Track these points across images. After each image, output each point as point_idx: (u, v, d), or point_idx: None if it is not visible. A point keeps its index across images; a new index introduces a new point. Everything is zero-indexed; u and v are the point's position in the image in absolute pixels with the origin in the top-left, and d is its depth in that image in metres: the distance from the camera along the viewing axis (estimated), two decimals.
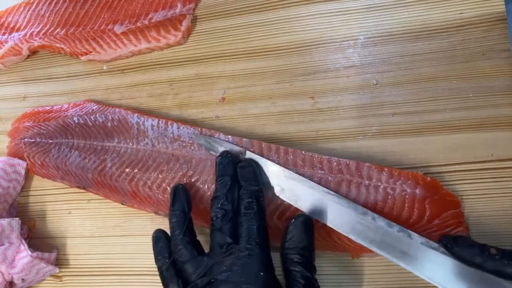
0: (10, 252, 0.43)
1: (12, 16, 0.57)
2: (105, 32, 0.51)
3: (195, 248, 0.36)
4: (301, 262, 0.33)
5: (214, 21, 0.50)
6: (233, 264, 0.33)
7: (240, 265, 0.33)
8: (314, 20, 0.47)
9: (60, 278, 0.47)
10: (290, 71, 0.46)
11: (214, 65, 0.49)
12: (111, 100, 0.51)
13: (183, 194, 0.39)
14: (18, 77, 0.56)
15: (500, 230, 0.37)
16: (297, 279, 0.32)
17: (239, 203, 0.36)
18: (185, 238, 0.36)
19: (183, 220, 0.37)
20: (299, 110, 0.44)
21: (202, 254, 0.35)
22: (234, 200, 0.36)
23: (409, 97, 0.42)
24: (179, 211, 0.37)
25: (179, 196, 0.38)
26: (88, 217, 0.48)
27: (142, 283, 0.44)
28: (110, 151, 0.46)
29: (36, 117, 0.51)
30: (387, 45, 0.44)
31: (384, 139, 0.41)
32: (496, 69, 0.41)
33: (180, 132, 0.44)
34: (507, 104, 0.40)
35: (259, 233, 0.34)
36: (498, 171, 0.38)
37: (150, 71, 0.51)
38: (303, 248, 0.33)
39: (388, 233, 0.34)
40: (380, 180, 0.38)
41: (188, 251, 0.35)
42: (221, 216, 0.35)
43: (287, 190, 0.38)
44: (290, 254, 0.33)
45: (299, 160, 0.40)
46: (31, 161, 0.49)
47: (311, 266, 0.33)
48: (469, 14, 0.43)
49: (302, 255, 0.33)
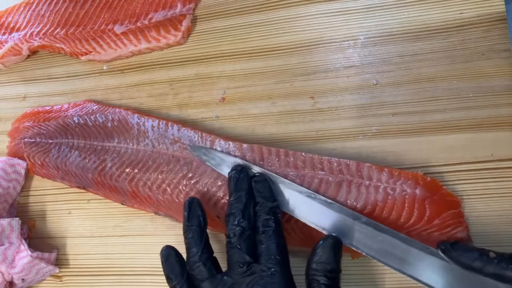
0: (10, 252, 0.43)
1: (12, 16, 0.57)
2: (105, 32, 0.51)
3: (213, 266, 0.35)
4: (328, 285, 0.32)
5: (214, 21, 0.50)
6: (255, 284, 0.33)
7: (263, 285, 0.32)
8: (314, 20, 0.47)
9: (60, 278, 0.47)
10: (290, 71, 0.46)
11: (214, 65, 0.49)
12: (111, 100, 0.51)
13: (198, 208, 0.37)
14: (18, 77, 0.56)
15: (500, 230, 0.37)
16: None
17: (255, 219, 0.36)
18: (204, 255, 0.35)
19: (200, 236, 0.36)
20: (299, 110, 0.44)
21: (220, 273, 0.35)
22: (251, 217, 0.36)
23: (409, 97, 0.42)
24: (196, 226, 0.36)
25: (195, 210, 0.37)
26: (88, 217, 0.48)
27: (142, 283, 0.44)
28: (110, 151, 0.46)
29: (36, 117, 0.51)
30: (387, 45, 0.44)
31: (384, 139, 0.41)
32: (496, 69, 0.41)
33: (180, 134, 0.44)
34: (507, 104, 0.40)
35: (279, 251, 0.34)
36: (498, 171, 0.38)
37: (150, 71, 0.51)
38: (330, 270, 0.33)
39: (387, 240, 0.34)
40: (380, 180, 0.38)
41: (206, 268, 0.34)
42: (238, 234, 0.34)
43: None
44: (317, 276, 0.32)
45: (300, 162, 0.40)
46: (31, 161, 0.49)
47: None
48: (469, 14, 0.43)
49: (329, 277, 0.32)
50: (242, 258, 0.34)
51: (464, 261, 0.32)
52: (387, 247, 0.34)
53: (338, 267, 0.33)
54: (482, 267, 0.31)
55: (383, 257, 0.34)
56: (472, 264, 0.31)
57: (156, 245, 0.44)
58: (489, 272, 0.30)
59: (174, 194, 0.42)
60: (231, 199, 0.36)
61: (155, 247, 0.44)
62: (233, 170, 0.38)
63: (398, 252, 0.34)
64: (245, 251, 0.34)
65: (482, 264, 0.31)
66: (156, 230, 0.45)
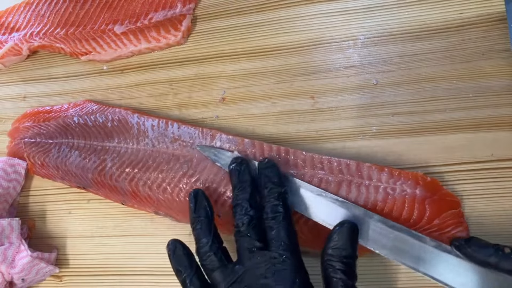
0: (10, 252, 0.43)
1: (12, 16, 0.57)
2: (105, 32, 0.51)
3: (224, 256, 0.35)
4: (344, 270, 0.31)
5: (214, 21, 0.50)
6: (267, 271, 0.32)
7: (275, 272, 0.32)
8: (314, 20, 0.47)
9: (60, 278, 0.47)
10: (290, 71, 0.46)
11: (214, 65, 0.49)
12: (111, 100, 0.51)
13: (204, 199, 0.37)
14: (18, 77, 0.56)
15: (500, 230, 0.37)
16: (338, 286, 0.31)
17: (264, 205, 0.35)
18: (214, 245, 0.35)
19: (209, 226, 0.36)
20: (299, 110, 0.44)
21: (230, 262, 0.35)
22: (257, 205, 0.36)
23: (409, 97, 0.42)
24: (203, 217, 0.36)
25: (201, 201, 0.37)
26: (88, 217, 0.48)
27: (142, 283, 0.44)
28: (110, 151, 0.46)
29: (36, 117, 0.51)
30: (387, 45, 0.44)
31: (384, 139, 0.41)
32: (496, 69, 0.41)
33: (180, 132, 0.44)
34: (507, 104, 0.40)
35: (289, 237, 0.34)
36: (498, 171, 0.38)
37: (150, 71, 0.51)
38: (346, 256, 0.32)
39: (400, 238, 0.34)
40: (380, 180, 0.38)
41: (217, 258, 0.34)
42: (247, 222, 0.34)
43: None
44: (333, 261, 0.32)
45: (300, 160, 0.40)
46: (31, 161, 0.49)
47: (353, 274, 0.32)
48: (469, 14, 0.43)
49: (345, 263, 0.32)
50: (252, 244, 0.34)
51: (479, 257, 0.31)
52: (401, 244, 0.34)
53: (354, 253, 0.33)
54: (497, 262, 0.31)
55: (397, 255, 0.34)
56: (487, 260, 0.31)
57: (156, 245, 0.44)
58: (505, 268, 0.30)
59: (174, 193, 0.42)
60: (236, 191, 0.36)
61: (155, 247, 0.44)
62: (233, 163, 0.38)
63: (411, 249, 0.34)
64: (254, 238, 0.34)
65: (498, 260, 0.31)
66: (156, 230, 0.45)
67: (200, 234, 0.35)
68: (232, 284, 0.33)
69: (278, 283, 0.32)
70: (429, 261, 0.33)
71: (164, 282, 0.43)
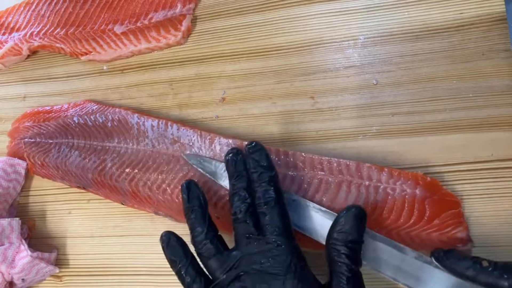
0: (10, 252, 0.43)
1: (12, 16, 0.57)
2: (105, 32, 0.51)
3: (220, 243, 0.35)
4: (348, 255, 0.31)
5: (214, 21, 0.50)
6: (264, 256, 0.33)
7: (271, 257, 0.32)
8: (314, 20, 0.47)
9: (60, 278, 0.47)
10: (290, 71, 0.46)
11: (214, 65, 0.49)
12: (111, 100, 0.51)
13: (197, 189, 0.37)
14: (18, 77, 0.56)
15: (500, 230, 0.37)
16: (342, 271, 0.31)
17: (254, 191, 0.35)
18: (210, 233, 0.35)
19: (203, 215, 0.36)
20: (299, 110, 0.44)
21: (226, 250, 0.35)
22: (253, 194, 0.36)
23: (409, 97, 0.42)
24: (197, 206, 0.36)
25: (194, 191, 0.37)
26: (88, 217, 0.48)
27: (142, 283, 0.44)
28: (110, 151, 0.46)
29: (36, 117, 0.51)
30: (387, 45, 0.44)
31: (384, 139, 0.41)
32: (496, 69, 0.41)
33: (180, 134, 0.44)
34: (507, 104, 0.40)
35: (283, 222, 0.34)
36: (498, 171, 0.38)
37: (150, 71, 0.51)
38: (352, 241, 0.32)
39: (380, 248, 0.34)
40: (380, 180, 0.38)
41: (214, 245, 0.34)
42: (244, 210, 0.35)
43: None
44: (338, 245, 0.32)
45: (299, 162, 0.40)
46: (31, 161, 0.49)
47: (358, 259, 0.32)
48: (469, 14, 0.43)
49: (350, 247, 0.32)
50: (249, 230, 0.34)
51: (457, 270, 0.31)
52: (381, 255, 0.34)
53: (360, 238, 0.33)
54: (475, 275, 0.31)
55: (377, 266, 0.34)
56: (465, 272, 0.31)
57: (156, 245, 0.44)
58: (482, 281, 0.30)
59: (174, 194, 0.42)
60: (233, 181, 0.37)
61: (155, 247, 0.44)
62: (229, 154, 0.38)
63: (392, 260, 0.33)
64: (251, 225, 0.34)
65: (475, 273, 0.31)
66: (156, 230, 0.45)
67: (195, 223, 0.35)
68: (229, 271, 0.33)
69: (274, 267, 0.32)
70: (409, 272, 0.33)
71: (164, 282, 0.43)
